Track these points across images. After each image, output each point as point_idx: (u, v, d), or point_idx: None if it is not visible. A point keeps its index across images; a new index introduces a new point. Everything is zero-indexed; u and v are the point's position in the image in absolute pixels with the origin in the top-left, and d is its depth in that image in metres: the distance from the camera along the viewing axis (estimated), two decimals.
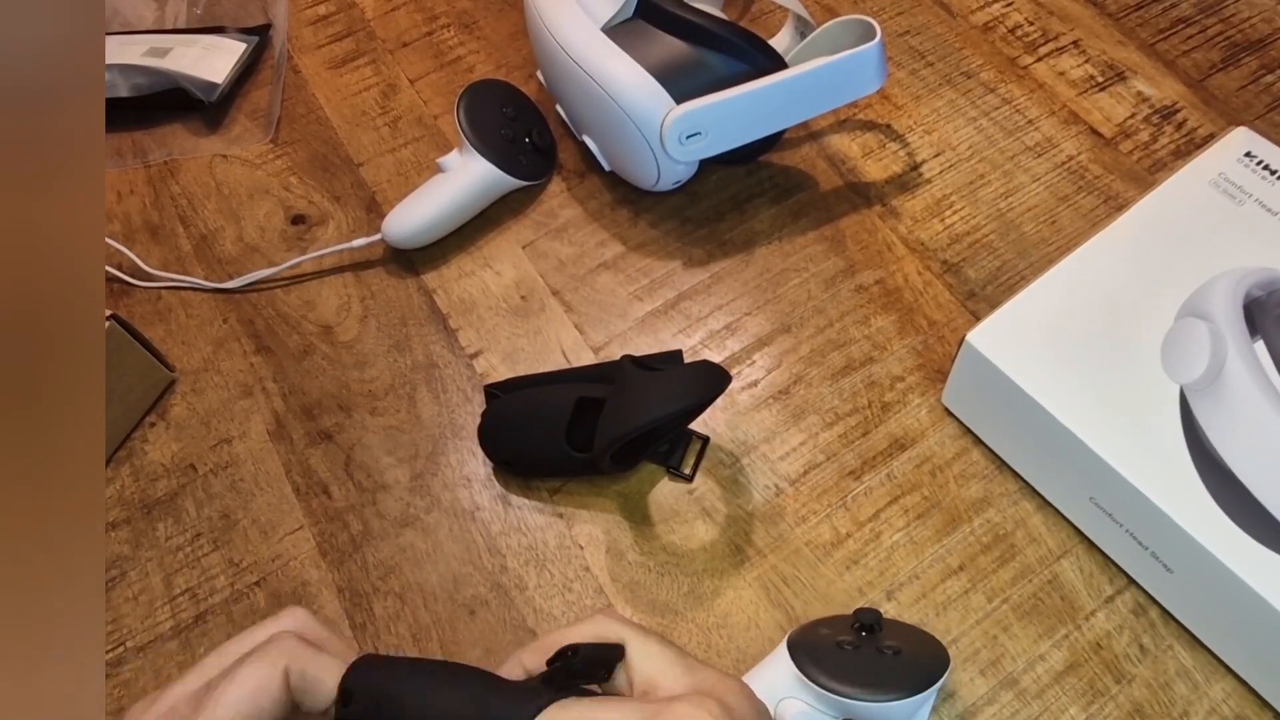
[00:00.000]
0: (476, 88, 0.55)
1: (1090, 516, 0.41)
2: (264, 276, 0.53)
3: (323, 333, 0.51)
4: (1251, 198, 0.44)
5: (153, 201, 0.57)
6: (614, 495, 0.45)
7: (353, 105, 0.60)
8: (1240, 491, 0.37)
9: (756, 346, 0.49)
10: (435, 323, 0.51)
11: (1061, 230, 0.52)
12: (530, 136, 0.55)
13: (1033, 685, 0.40)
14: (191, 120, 0.61)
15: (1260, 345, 0.40)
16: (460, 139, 0.53)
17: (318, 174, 0.58)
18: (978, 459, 0.45)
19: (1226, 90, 0.57)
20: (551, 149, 0.57)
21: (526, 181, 0.54)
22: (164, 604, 0.44)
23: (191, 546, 0.45)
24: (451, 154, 0.53)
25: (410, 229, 0.52)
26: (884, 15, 0.62)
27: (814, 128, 0.57)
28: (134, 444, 0.48)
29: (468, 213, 0.53)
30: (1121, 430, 0.39)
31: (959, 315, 0.50)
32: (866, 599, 0.42)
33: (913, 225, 0.53)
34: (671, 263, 0.52)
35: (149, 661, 0.42)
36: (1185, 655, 0.40)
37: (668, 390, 0.40)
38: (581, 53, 0.48)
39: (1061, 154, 0.55)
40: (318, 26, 0.65)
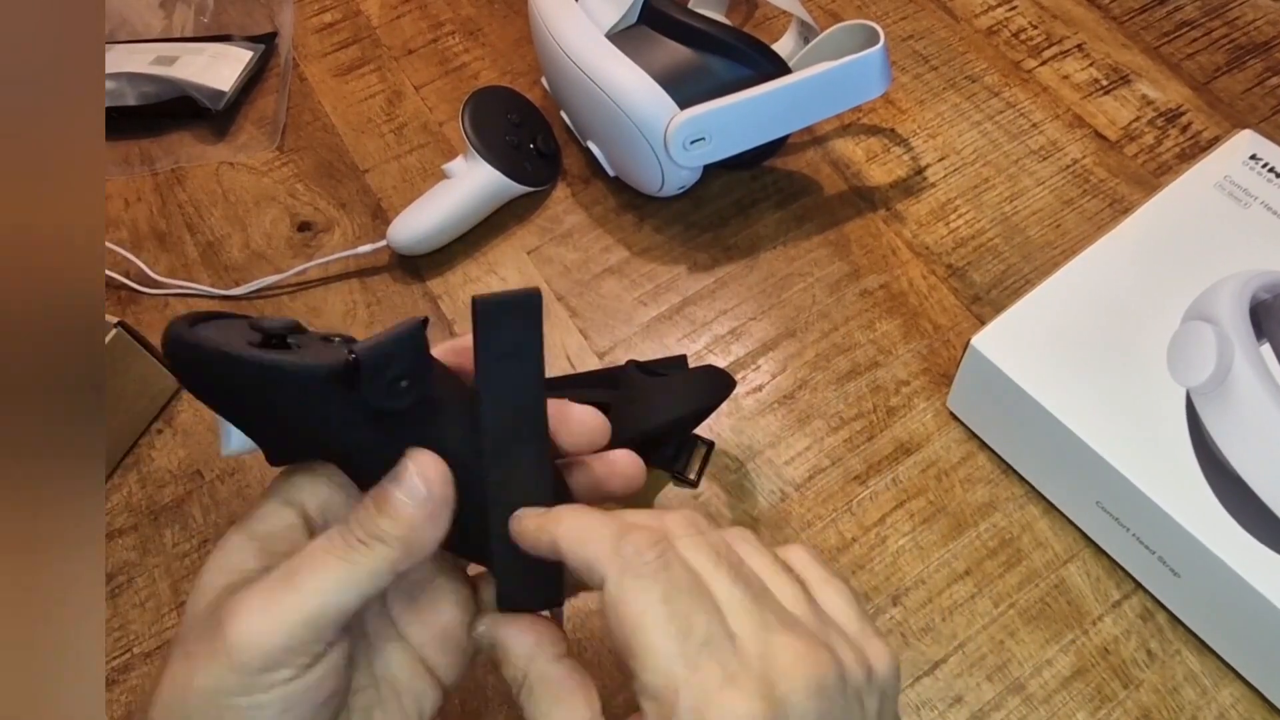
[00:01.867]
0: (481, 94, 0.55)
1: (1097, 521, 0.41)
2: (270, 283, 0.53)
3: None
4: (1257, 200, 0.44)
5: (160, 209, 0.57)
6: (618, 501, 0.45)
7: (358, 112, 0.61)
8: (1247, 495, 0.36)
9: (761, 351, 0.49)
10: (441, 329, 0.51)
11: (1066, 234, 0.52)
12: (535, 142, 0.55)
13: (1040, 690, 0.39)
14: (198, 128, 0.61)
15: (1266, 348, 0.40)
16: (465, 145, 0.53)
17: (323, 181, 0.58)
18: (983, 463, 0.45)
19: (1231, 93, 0.57)
20: (556, 155, 0.57)
21: (531, 188, 0.55)
22: (171, 610, 0.44)
23: (199, 553, 0.45)
24: (457, 160, 0.54)
25: (416, 235, 0.52)
26: (887, 20, 0.62)
27: (818, 132, 0.57)
28: (141, 450, 0.48)
29: (473, 219, 0.54)
30: (1127, 434, 0.39)
31: (964, 319, 0.49)
32: (872, 604, 0.42)
33: (917, 229, 0.53)
34: (676, 268, 0.53)
35: (156, 668, 0.42)
36: (1193, 660, 0.40)
37: (672, 396, 0.40)
38: (586, 59, 0.48)
39: (1066, 157, 0.55)
40: (323, 34, 0.65)
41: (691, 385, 0.40)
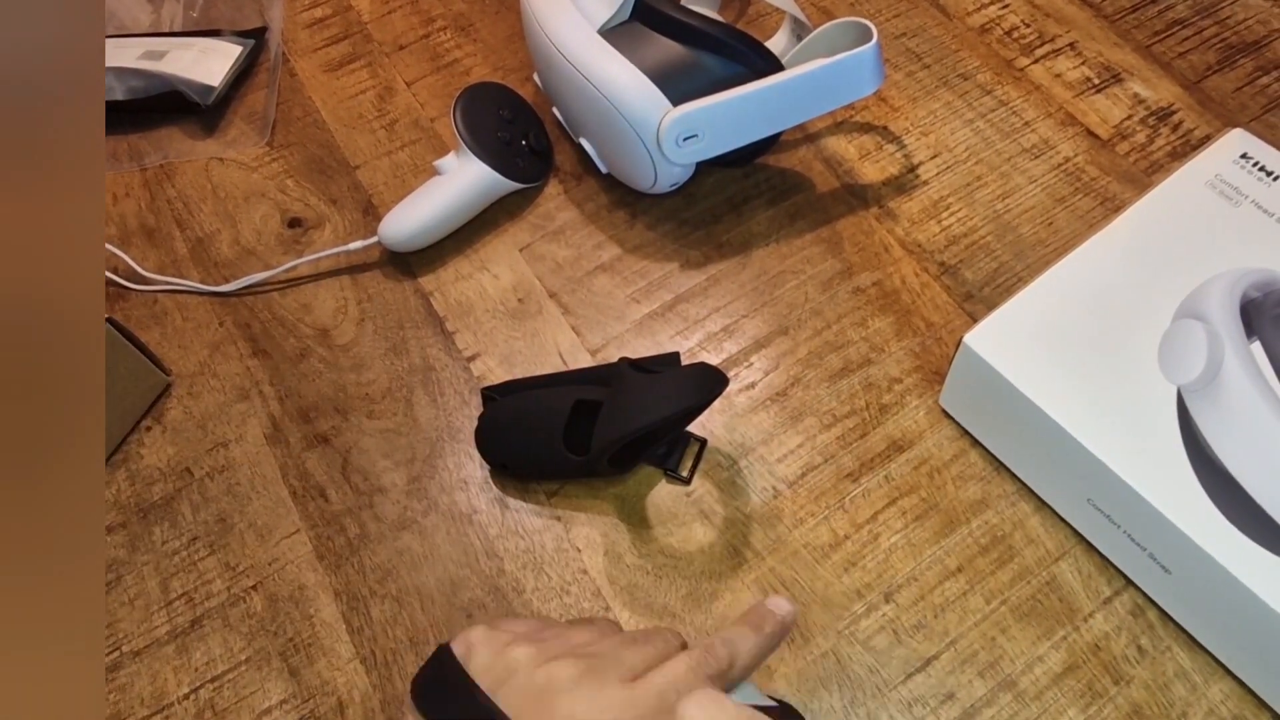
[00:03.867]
0: (473, 90, 0.55)
1: (1088, 518, 0.41)
2: (260, 280, 0.53)
3: (319, 336, 0.51)
4: (1248, 199, 0.45)
5: (149, 205, 0.57)
6: (611, 498, 0.45)
7: (349, 108, 0.60)
8: (1237, 492, 0.37)
9: (754, 349, 0.49)
10: (432, 325, 0.51)
11: (1058, 232, 0.52)
12: (527, 139, 0.55)
13: (1031, 687, 0.40)
14: (188, 123, 0.60)
15: (1257, 346, 0.40)
16: (457, 142, 0.53)
17: (314, 177, 0.57)
18: (975, 460, 0.45)
19: (1223, 92, 0.57)
20: (548, 152, 0.57)
21: (523, 184, 0.54)
22: (160, 608, 0.43)
23: (188, 550, 0.45)
24: (449, 156, 0.53)
25: (408, 231, 0.52)
26: (880, 17, 0.62)
27: (811, 130, 0.57)
28: (130, 448, 0.48)
29: (465, 214, 0.53)
30: (1119, 432, 0.39)
31: (956, 317, 0.50)
32: (864, 601, 0.42)
33: (910, 227, 0.53)
34: (669, 265, 0.52)
35: (145, 665, 0.42)
36: (1183, 656, 0.40)
37: (665, 392, 0.40)
38: (578, 55, 0.48)
39: (1058, 156, 0.55)
40: (314, 29, 0.65)
41: (684, 383, 0.40)
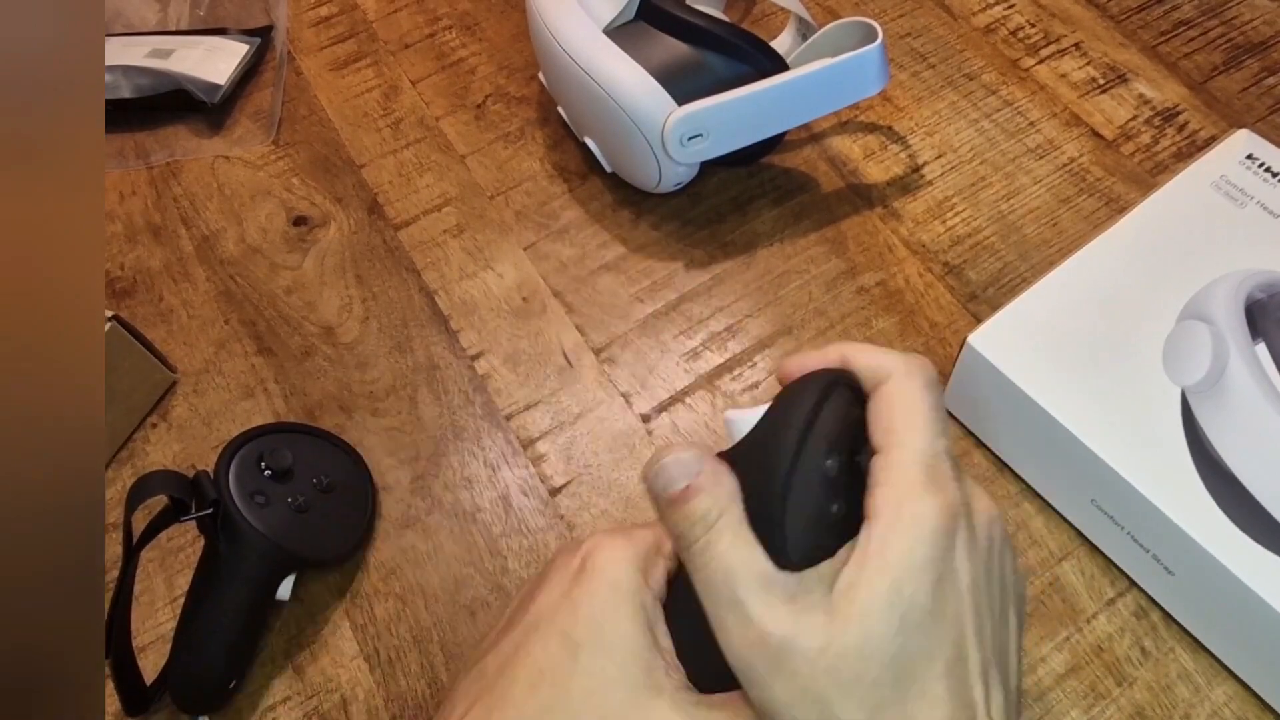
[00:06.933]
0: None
1: (1092, 519, 0.41)
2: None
3: (324, 334, 0.51)
4: (1253, 200, 0.44)
5: (155, 202, 0.57)
6: (616, 497, 0.45)
7: (354, 107, 0.61)
8: (1242, 494, 0.37)
9: (758, 348, 0.49)
10: (436, 324, 0.51)
11: (1063, 232, 0.52)
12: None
13: (1034, 688, 0.40)
14: (194, 121, 0.61)
15: (1262, 347, 0.40)
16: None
17: (319, 175, 0.58)
18: (979, 461, 0.45)
19: (1228, 93, 0.57)
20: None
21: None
22: (165, 605, 0.44)
23: (194, 547, 0.45)
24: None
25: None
26: (885, 17, 0.62)
27: (815, 129, 0.57)
28: (135, 445, 0.48)
29: None
30: (1123, 433, 0.39)
31: (960, 317, 0.49)
32: None
33: (914, 227, 0.53)
34: (673, 264, 0.52)
35: (150, 662, 0.42)
36: (1187, 658, 0.40)
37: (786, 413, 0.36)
38: (583, 54, 0.48)
39: (1063, 156, 0.55)
40: (320, 28, 0.65)
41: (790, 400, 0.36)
